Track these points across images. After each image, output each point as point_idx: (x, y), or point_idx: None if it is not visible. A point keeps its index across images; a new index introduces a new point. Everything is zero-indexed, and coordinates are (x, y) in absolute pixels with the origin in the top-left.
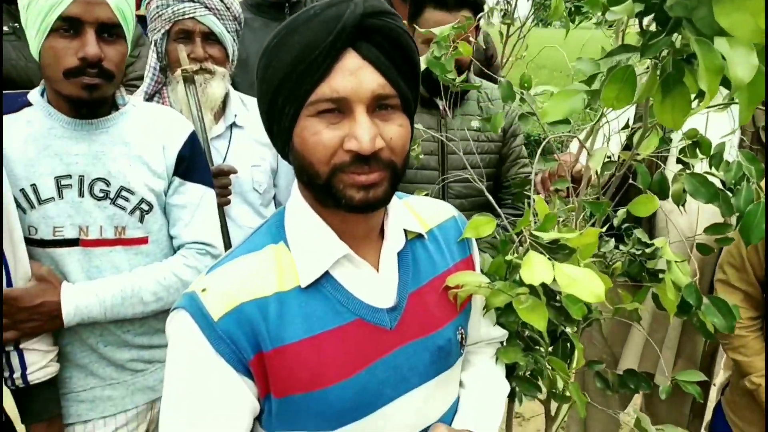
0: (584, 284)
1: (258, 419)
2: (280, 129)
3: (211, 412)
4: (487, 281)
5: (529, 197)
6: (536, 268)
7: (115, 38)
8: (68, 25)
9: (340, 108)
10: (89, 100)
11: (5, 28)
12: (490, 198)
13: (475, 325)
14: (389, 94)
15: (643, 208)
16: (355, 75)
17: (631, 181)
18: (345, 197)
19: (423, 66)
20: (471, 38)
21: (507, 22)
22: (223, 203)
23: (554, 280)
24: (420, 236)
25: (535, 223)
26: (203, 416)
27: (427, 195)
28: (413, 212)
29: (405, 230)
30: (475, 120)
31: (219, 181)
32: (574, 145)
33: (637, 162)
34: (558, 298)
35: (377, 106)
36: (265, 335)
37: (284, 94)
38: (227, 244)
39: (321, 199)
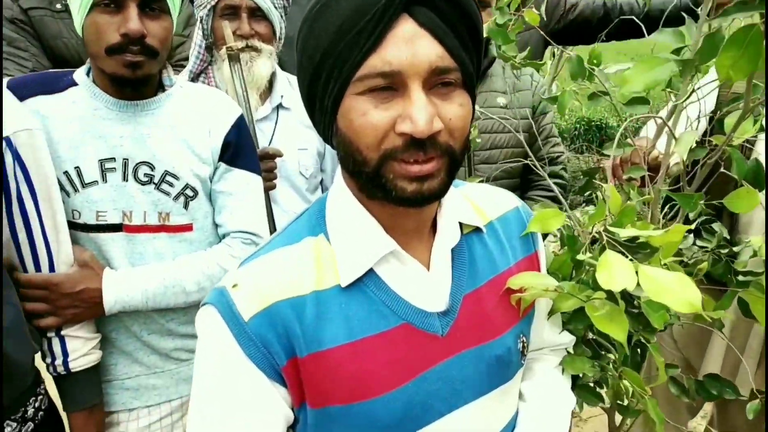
0: (677, 292)
1: (292, 428)
2: (323, 109)
3: (240, 414)
4: (555, 284)
5: (597, 187)
6: (616, 272)
7: (159, 13)
8: (110, 0)
9: (393, 84)
10: (132, 78)
11: (58, 5)
12: (539, 171)
13: (538, 330)
14: (449, 66)
15: (742, 204)
16: (410, 44)
17: (722, 169)
18: (396, 189)
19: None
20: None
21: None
22: (268, 188)
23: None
24: (477, 230)
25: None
26: (233, 418)
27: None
28: (470, 202)
29: (460, 223)
30: (501, 96)
31: (264, 164)
32: (646, 131)
33: (731, 147)
34: (636, 303)
35: (435, 82)
36: (300, 338)
37: (328, 68)
38: (272, 230)
39: (368, 190)
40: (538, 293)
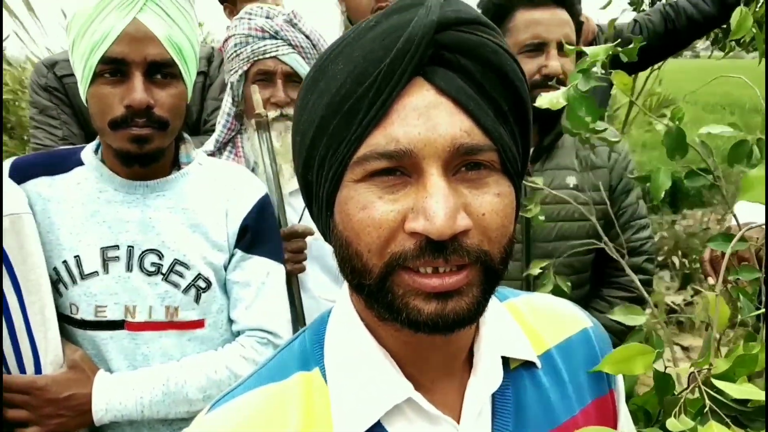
0: None
1: None
2: (319, 201)
3: None
4: None
5: (695, 280)
6: None
7: (169, 80)
8: (113, 68)
9: (403, 167)
10: (140, 153)
11: None
12: (620, 262)
13: None
14: (479, 144)
15: None
16: (425, 116)
17: None
18: (407, 309)
19: (555, 103)
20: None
21: (632, 59)
22: (296, 270)
23: None
24: (530, 363)
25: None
26: None
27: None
28: (522, 323)
29: (505, 357)
30: (572, 175)
31: (292, 244)
32: (741, 209)
33: None
34: None
35: (461, 164)
36: None
37: (322, 149)
38: (301, 321)
39: (374, 309)
40: None
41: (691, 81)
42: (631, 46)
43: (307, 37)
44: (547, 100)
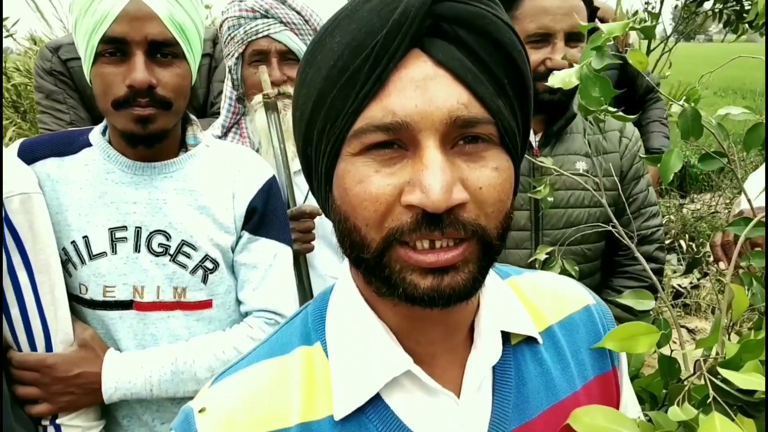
0: None
1: None
2: (318, 176)
3: None
4: (639, 420)
5: (705, 263)
6: None
7: (171, 59)
8: (114, 48)
9: (400, 140)
10: (144, 134)
11: None
12: (632, 250)
13: None
14: (477, 116)
15: None
16: (422, 88)
17: None
18: (404, 284)
19: (567, 82)
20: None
21: (649, 36)
22: (305, 250)
23: None
24: (531, 339)
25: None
26: None
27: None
28: (524, 299)
29: (506, 333)
30: (582, 160)
31: (301, 224)
32: (750, 186)
33: None
34: None
35: (458, 137)
36: None
37: (320, 122)
38: (310, 298)
39: (372, 283)
40: None
41: (703, 65)
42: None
43: (299, 13)
44: (559, 79)
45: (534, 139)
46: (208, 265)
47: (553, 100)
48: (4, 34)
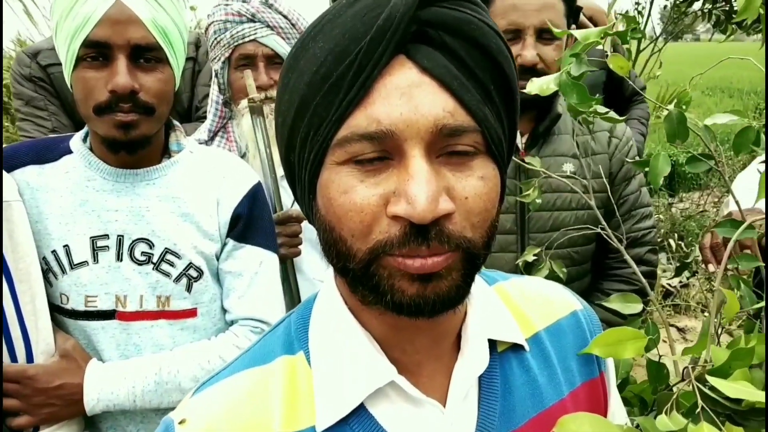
0: None
1: None
2: (301, 183)
3: None
4: (626, 427)
5: (693, 267)
6: None
7: (155, 64)
8: (96, 52)
9: (385, 150)
10: (126, 140)
11: None
12: (623, 254)
13: None
14: (463, 125)
15: None
16: (407, 96)
17: None
18: (391, 292)
19: (544, 89)
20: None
21: (637, 37)
22: (291, 254)
23: None
24: (518, 347)
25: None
26: None
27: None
28: (511, 306)
29: (492, 340)
30: (569, 162)
31: (287, 228)
32: (737, 188)
33: None
34: None
35: (445, 147)
36: None
37: (303, 129)
38: (297, 303)
39: (358, 292)
40: None
41: (691, 65)
42: (622, 28)
43: (285, 17)
44: (537, 86)
45: (520, 140)
46: (192, 273)
47: (533, 98)
48: None
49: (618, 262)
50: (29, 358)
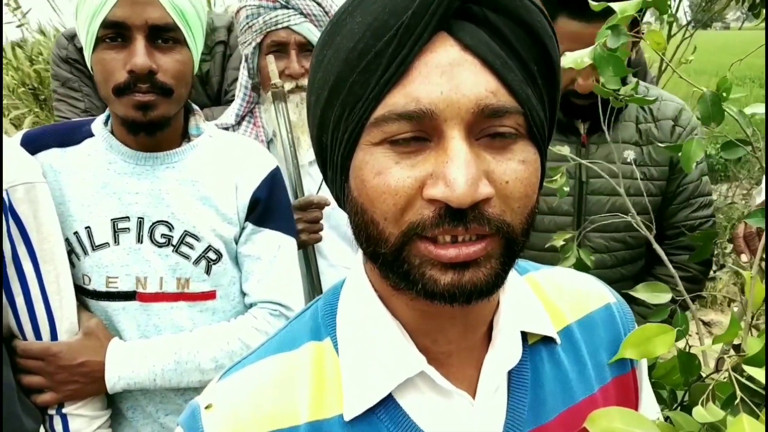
0: None
1: None
2: (333, 165)
3: None
4: (658, 422)
5: (712, 255)
6: None
7: (173, 44)
8: (114, 32)
9: (423, 130)
10: (145, 121)
11: None
12: (660, 251)
13: None
14: (506, 106)
15: None
16: (448, 74)
17: None
18: (423, 280)
19: (579, 62)
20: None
21: (670, 21)
22: (312, 240)
23: None
24: (549, 339)
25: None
26: None
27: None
28: (543, 298)
29: (524, 332)
30: (630, 149)
31: (308, 214)
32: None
33: None
34: None
35: (486, 129)
36: None
37: (338, 108)
38: (318, 291)
39: (389, 278)
40: None
41: (720, 53)
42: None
43: (319, 4)
44: (571, 59)
45: (582, 126)
46: (211, 255)
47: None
48: (17, 23)
49: (673, 248)
50: (53, 336)
